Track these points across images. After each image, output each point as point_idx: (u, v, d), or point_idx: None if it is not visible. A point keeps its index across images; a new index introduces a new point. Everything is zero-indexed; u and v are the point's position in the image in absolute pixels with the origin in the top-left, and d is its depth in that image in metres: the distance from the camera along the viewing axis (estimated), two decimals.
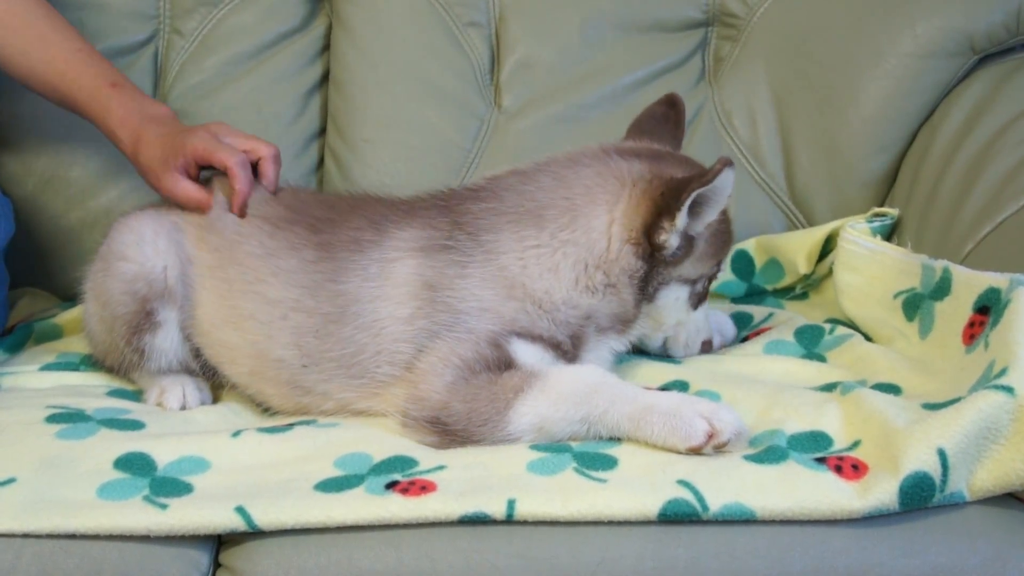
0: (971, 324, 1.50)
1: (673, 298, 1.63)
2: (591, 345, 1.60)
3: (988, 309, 1.48)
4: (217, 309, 1.66)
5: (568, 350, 1.56)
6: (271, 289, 1.62)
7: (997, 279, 1.48)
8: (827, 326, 1.76)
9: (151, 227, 1.72)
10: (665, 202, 1.54)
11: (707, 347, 1.73)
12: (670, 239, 1.56)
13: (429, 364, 1.50)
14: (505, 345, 1.51)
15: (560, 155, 1.67)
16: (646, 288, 1.60)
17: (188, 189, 1.74)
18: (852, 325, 1.78)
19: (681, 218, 1.54)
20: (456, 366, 1.48)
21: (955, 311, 1.54)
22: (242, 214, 1.71)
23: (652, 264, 1.59)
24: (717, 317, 1.78)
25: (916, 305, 1.63)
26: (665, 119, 1.78)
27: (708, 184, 1.51)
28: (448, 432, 1.44)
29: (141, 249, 1.69)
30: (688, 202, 1.52)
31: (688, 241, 1.59)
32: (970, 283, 1.53)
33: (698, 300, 1.67)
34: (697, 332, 1.71)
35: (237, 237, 1.68)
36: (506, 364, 1.49)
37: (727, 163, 1.50)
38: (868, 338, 1.73)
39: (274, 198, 1.73)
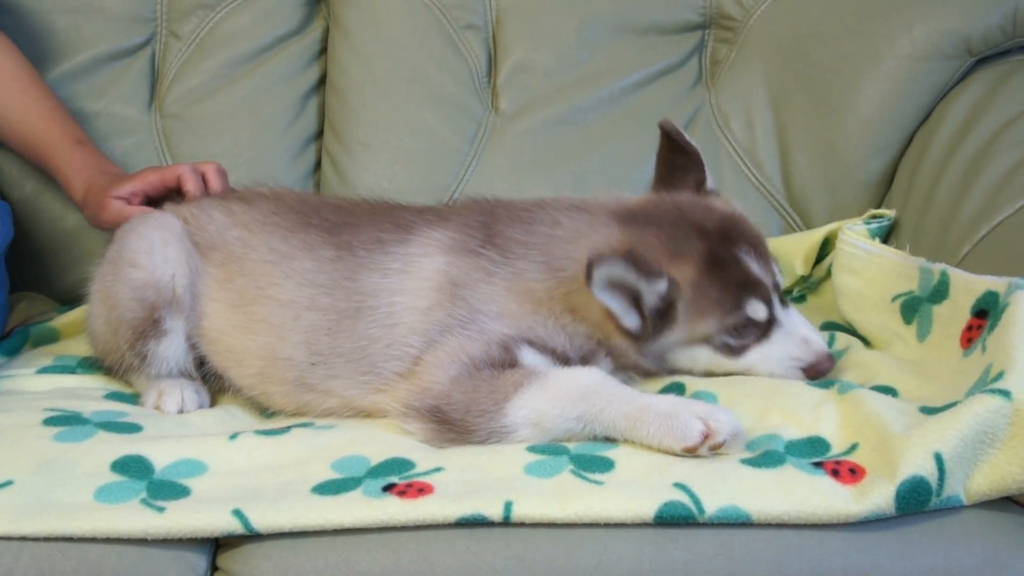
0: (969, 328, 1.50)
1: (689, 358, 1.59)
2: (602, 367, 1.56)
3: (986, 313, 1.48)
4: (227, 318, 1.67)
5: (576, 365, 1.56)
6: (284, 291, 1.63)
7: (995, 283, 1.48)
8: (826, 334, 1.75)
9: (160, 234, 1.72)
10: None
11: (812, 373, 1.58)
12: (623, 319, 1.53)
13: (436, 358, 1.51)
14: (515, 349, 1.52)
15: (589, 202, 1.66)
16: (647, 355, 1.58)
17: (133, 209, 1.83)
18: (851, 328, 1.78)
19: (609, 302, 1.51)
20: (462, 362, 1.49)
21: (953, 315, 1.54)
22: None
23: (633, 337, 1.56)
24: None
25: (914, 308, 1.63)
26: (672, 150, 1.73)
27: (589, 282, 1.47)
28: (446, 422, 1.44)
29: (151, 257, 1.70)
30: (598, 295, 1.49)
31: (664, 311, 1.54)
32: (968, 287, 1.53)
33: (735, 350, 1.58)
34: (769, 372, 1.58)
35: (245, 249, 1.69)
36: (511, 366, 1.50)
37: (595, 260, 1.46)
38: (866, 342, 1.73)
39: (284, 205, 1.75)
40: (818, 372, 1.58)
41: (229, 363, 1.68)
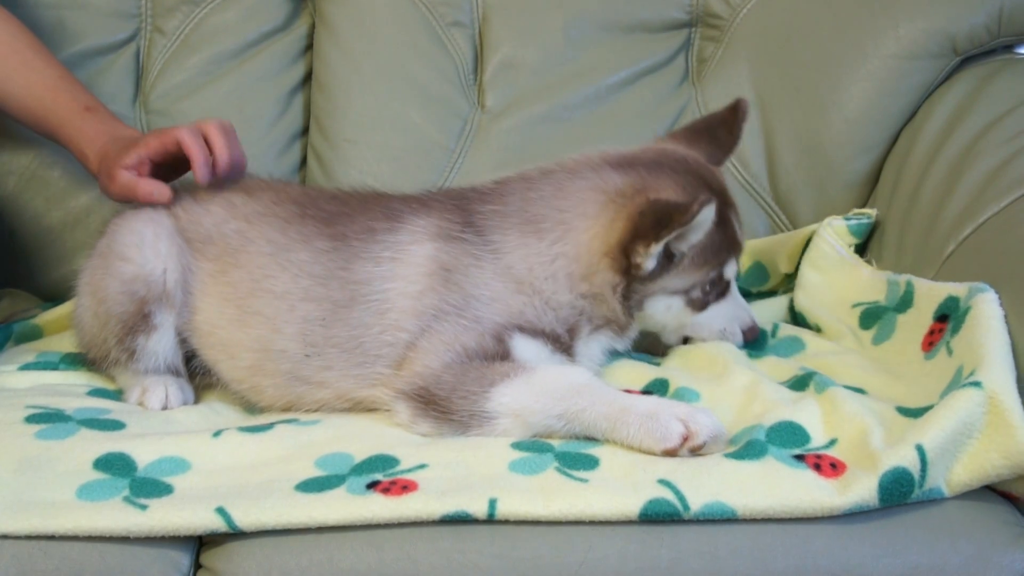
0: (931, 332, 1.55)
1: (663, 307, 1.65)
2: (584, 337, 1.62)
3: (947, 317, 1.52)
4: (221, 311, 1.67)
5: (566, 342, 1.59)
6: (279, 283, 1.63)
7: (956, 288, 1.53)
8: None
9: (152, 229, 1.71)
10: (643, 226, 1.55)
11: (753, 334, 1.71)
12: (645, 262, 1.57)
13: (431, 344, 1.52)
14: (507, 340, 1.53)
15: (565, 161, 1.70)
16: (629, 299, 1.62)
17: (141, 182, 1.75)
18: (802, 318, 1.84)
19: (657, 248, 1.55)
20: (457, 352, 1.51)
21: (916, 321, 1.59)
22: (205, 181, 1.72)
23: (630, 279, 1.60)
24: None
25: (877, 316, 1.68)
26: (723, 122, 1.79)
27: (686, 224, 1.52)
28: (431, 401, 1.46)
29: (142, 251, 1.69)
30: (666, 240, 1.54)
31: (669, 258, 1.60)
32: (931, 294, 1.58)
33: (700, 304, 1.66)
34: (719, 329, 1.69)
35: (242, 241, 1.69)
36: (503, 358, 1.51)
37: (705, 202, 1.50)
38: (818, 330, 1.79)
39: (285, 196, 1.74)
40: (753, 335, 1.71)
41: (221, 356, 1.68)
